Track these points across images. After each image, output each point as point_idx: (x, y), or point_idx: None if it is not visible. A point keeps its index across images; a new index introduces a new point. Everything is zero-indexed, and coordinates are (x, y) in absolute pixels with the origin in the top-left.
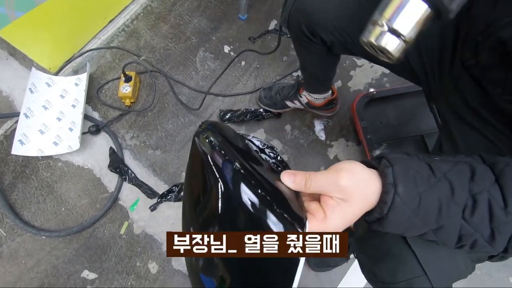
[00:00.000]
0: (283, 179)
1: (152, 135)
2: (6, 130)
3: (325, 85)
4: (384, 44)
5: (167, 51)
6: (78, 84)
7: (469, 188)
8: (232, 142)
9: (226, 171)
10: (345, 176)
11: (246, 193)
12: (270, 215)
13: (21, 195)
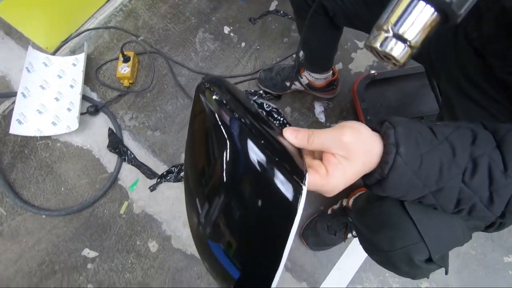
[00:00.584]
0: (286, 134)
1: (151, 116)
2: (4, 110)
3: (326, 64)
4: (389, 50)
5: (166, 31)
6: (76, 64)
7: (470, 151)
8: (239, 99)
9: (234, 130)
10: (348, 132)
11: (253, 150)
12: (275, 170)
13: (20, 175)
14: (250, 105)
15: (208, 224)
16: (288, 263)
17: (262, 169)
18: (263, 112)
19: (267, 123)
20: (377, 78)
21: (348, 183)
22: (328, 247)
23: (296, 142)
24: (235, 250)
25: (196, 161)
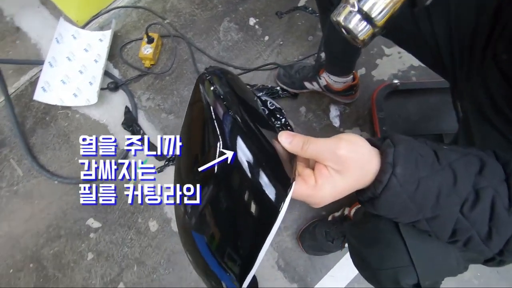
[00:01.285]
0: (281, 138)
1: (168, 99)
2: (32, 76)
3: (347, 67)
4: (351, 26)
5: (192, 17)
6: (102, 40)
7: (474, 182)
8: (238, 94)
9: (226, 125)
10: (344, 146)
11: (242, 148)
12: (261, 173)
13: (40, 140)
14: (252, 102)
15: (194, 214)
16: (281, 262)
17: (249, 169)
18: (265, 110)
19: (265, 122)
20: (400, 88)
21: (337, 197)
22: (324, 253)
23: (289, 148)
24: (217, 243)
25: (187, 149)
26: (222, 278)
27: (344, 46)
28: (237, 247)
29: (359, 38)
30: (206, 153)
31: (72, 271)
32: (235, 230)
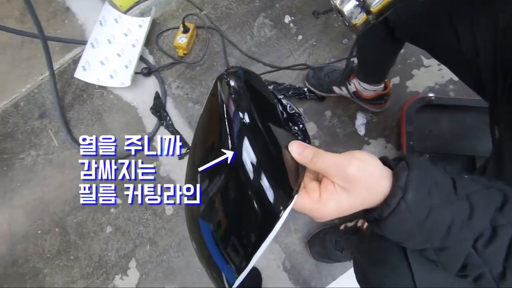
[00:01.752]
0: (291, 148)
1: (196, 89)
2: (75, 55)
3: (378, 75)
4: (346, 10)
5: (228, 10)
6: (142, 26)
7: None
8: (255, 94)
9: (235, 125)
10: (355, 165)
11: (247, 150)
12: (263, 178)
13: (76, 115)
14: (269, 105)
15: (203, 201)
16: (287, 263)
17: (252, 172)
18: (284, 114)
19: (279, 126)
20: (434, 102)
21: (341, 214)
22: (331, 261)
23: (298, 159)
24: (221, 233)
25: (200, 142)
26: (222, 269)
27: (378, 53)
28: (240, 240)
29: (352, 23)
30: (214, 150)
31: (91, 241)
32: (239, 223)
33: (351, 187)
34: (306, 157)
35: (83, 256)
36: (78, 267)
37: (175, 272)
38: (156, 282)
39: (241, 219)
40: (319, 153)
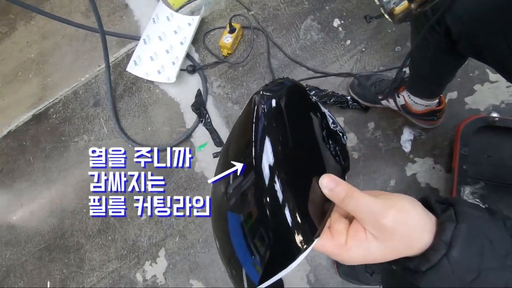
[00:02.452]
0: (321, 182)
1: (236, 89)
2: (129, 49)
3: (433, 90)
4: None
5: (276, 11)
6: (191, 24)
7: None
8: (293, 113)
9: (262, 145)
10: (393, 216)
11: (271, 175)
12: (284, 211)
13: (125, 106)
14: (308, 124)
15: (235, 193)
16: (312, 277)
17: (273, 201)
18: (325, 130)
19: (315, 150)
20: (497, 124)
21: (369, 262)
22: (359, 283)
23: (328, 195)
24: (251, 224)
25: (229, 152)
26: (244, 263)
27: (436, 67)
28: (269, 235)
29: (390, 8)
30: (245, 156)
31: (127, 225)
32: (269, 221)
33: (384, 239)
34: (337, 195)
35: (119, 239)
36: (114, 248)
37: (200, 267)
38: (181, 274)
39: (254, 245)
40: (353, 193)
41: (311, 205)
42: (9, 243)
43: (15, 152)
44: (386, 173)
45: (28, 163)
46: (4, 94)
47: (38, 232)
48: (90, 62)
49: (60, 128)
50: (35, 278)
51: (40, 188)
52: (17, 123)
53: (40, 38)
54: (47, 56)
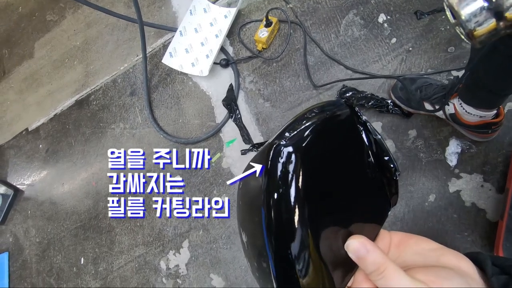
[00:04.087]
0: (349, 245)
1: (268, 86)
2: (166, 40)
3: (492, 100)
4: (465, 12)
5: (316, 4)
6: (227, 17)
7: None
8: (328, 156)
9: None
10: None
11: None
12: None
13: (158, 97)
14: (352, 155)
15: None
16: None
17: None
18: (372, 160)
19: (357, 190)
20: None
21: None
22: None
23: (355, 260)
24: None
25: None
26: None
27: (500, 74)
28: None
29: (471, 30)
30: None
31: (155, 214)
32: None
33: None
34: (365, 266)
35: (147, 226)
36: (141, 234)
37: (221, 263)
38: (202, 267)
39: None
40: (384, 271)
41: (334, 257)
42: (51, 218)
43: (60, 134)
44: (425, 187)
45: (70, 146)
46: (53, 78)
47: (75, 211)
48: (129, 51)
49: (99, 115)
50: (71, 253)
51: (79, 170)
52: (62, 107)
53: (85, 26)
54: (91, 44)
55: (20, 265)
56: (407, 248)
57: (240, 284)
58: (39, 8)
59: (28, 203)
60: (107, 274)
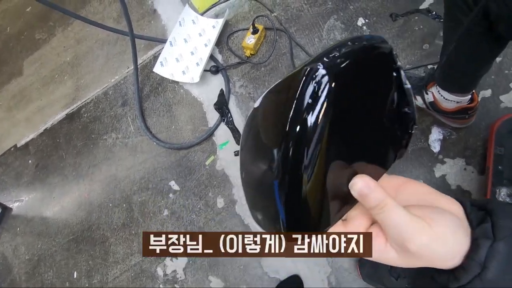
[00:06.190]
0: (354, 184)
1: (258, 89)
2: (156, 51)
3: (466, 83)
4: None
5: (299, 12)
6: (215, 27)
7: None
8: (361, 80)
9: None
10: (424, 241)
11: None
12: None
13: (150, 105)
14: (379, 96)
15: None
16: (333, 279)
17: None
18: (394, 110)
19: (374, 131)
20: None
21: (383, 262)
22: (383, 286)
23: (358, 198)
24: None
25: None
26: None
27: (471, 54)
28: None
29: None
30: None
31: (150, 220)
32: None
33: (406, 257)
34: (367, 202)
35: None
36: (137, 242)
37: (219, 265)
38: (200, 270)
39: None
40: (386, 205)
41: (336, 188)
42: (41, 234)
43: (50, 148)
44: (413, 174)
45: (61, 159)
46: (43, 94)
47: (67, 225)
48: (120, 64)
49: (91, 127)
50: (63, 268)
51: (70, 183)
52: (52, 121)
53: (75, 42)
54: (81, 59)
55: (8, 285)
56: (405, 190)
57: (239, 284)
58: (28, 27)
59: (17, 221)
60: (101, 286)
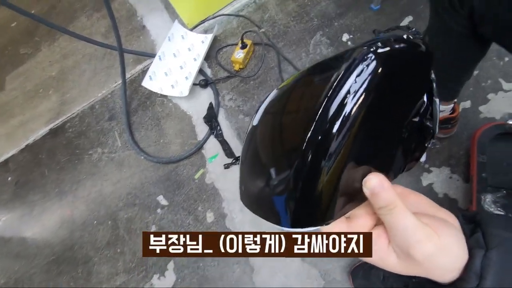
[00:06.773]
0: (367, 181)
1: (247, 102)
2: (145, 66)
3: (449, 90)
4: None
5: (286, 28)
6: (204, 42)
7: None
8: (400, 82)
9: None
10: (428, 251)
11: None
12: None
13: (138, 119)
14: (409, 103)
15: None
16: None
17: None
18: (416, 120)
19: (395, 135)
20: None
21: (380, 266)
22: None
23: (368, 195)
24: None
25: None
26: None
27: (454, 57)
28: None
29: None
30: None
31: (137, 237)
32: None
33: (407, 263)
34: (376, 202)
35: (128, 251)
36: (122, 261)
37: (209, 281)
38: None
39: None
40: (395, 208)
41: (346, 184)
42: (19, 255)
43: (31, 164)
44: (401, 183)
45: (43, 175)
46: (25, 109)
47: (48, 244)
48: (107, 78)
49: (76, 142)
50: None
51: (52, 200)
52: (34, 137)
53: (61, 57)
54: (67, 74)
55: None
56: (407, 201)
57: None
58: (11, 43)
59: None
60: None
